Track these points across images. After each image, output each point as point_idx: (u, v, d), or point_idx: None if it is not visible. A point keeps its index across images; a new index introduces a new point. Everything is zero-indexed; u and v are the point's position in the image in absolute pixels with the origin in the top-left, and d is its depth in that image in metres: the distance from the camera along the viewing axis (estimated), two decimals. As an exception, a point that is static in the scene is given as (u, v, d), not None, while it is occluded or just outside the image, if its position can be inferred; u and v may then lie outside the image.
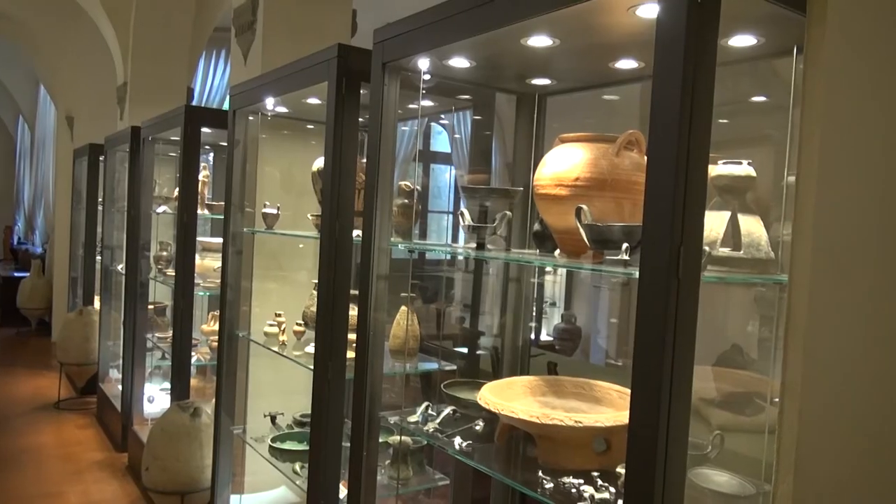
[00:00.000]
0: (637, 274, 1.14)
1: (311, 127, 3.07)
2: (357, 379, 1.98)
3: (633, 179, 1.56)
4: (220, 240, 4.10)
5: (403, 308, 2.26)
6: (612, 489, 1.38)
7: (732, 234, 1.40)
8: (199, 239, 3.91)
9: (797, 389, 1.08)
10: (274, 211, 2.81)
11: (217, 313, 4.06)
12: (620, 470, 1.30)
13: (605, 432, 1.50)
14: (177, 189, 4.01)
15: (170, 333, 4.09)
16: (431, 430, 1.75)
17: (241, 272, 2.95)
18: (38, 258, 8.95)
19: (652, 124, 1.11)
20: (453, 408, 1.81)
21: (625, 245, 1.36)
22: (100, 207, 5.64)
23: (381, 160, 1.91)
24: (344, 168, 2.09)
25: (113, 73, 5.88)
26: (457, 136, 4.61)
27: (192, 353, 3.70)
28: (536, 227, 1.88)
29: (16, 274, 9.04)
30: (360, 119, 2.13)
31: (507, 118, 2.24)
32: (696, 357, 1.12)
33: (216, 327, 4.08)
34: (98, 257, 5.72)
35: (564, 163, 1.60)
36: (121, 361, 4.84)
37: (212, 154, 4.67)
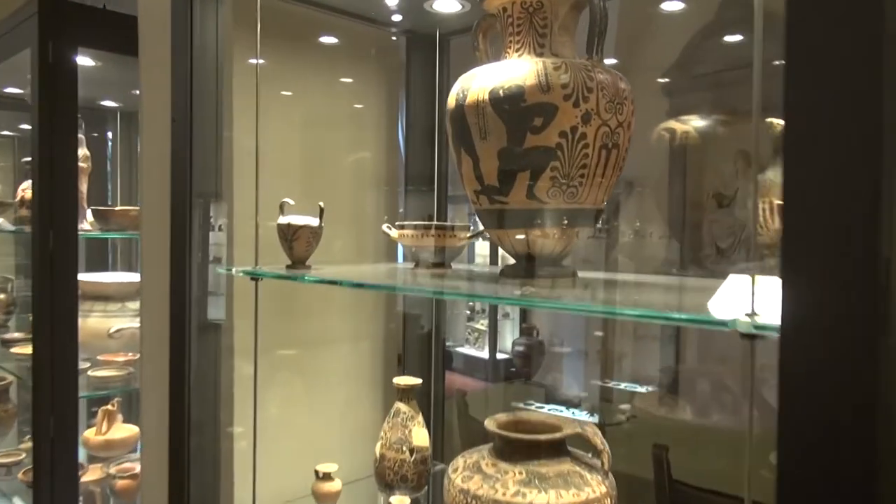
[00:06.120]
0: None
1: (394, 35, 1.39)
2: None
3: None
4: (122, 277, 2.29)
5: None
6: None
7: None
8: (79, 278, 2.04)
9: None
10: (315, 222, 1.10)
11: (112, 406, 2.20)
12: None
13: None
14: (22, 186, 2.17)
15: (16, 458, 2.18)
16: None
17: (220, 386, 1.19)
18: None
19: None
20: None
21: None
22: None
23: None
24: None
25: None
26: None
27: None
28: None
29: None
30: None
31: None
32: None
33: (112, 435, 2.23)
34: None
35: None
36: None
37: (83, 125, 2.74)
